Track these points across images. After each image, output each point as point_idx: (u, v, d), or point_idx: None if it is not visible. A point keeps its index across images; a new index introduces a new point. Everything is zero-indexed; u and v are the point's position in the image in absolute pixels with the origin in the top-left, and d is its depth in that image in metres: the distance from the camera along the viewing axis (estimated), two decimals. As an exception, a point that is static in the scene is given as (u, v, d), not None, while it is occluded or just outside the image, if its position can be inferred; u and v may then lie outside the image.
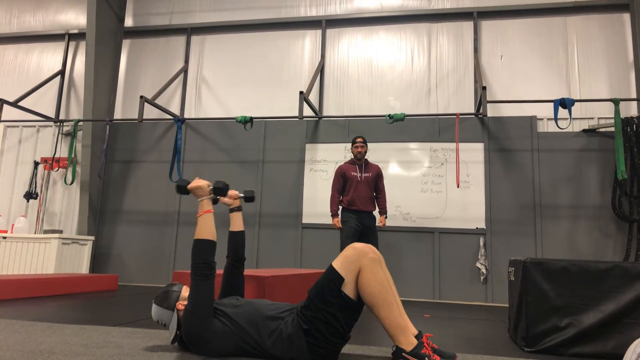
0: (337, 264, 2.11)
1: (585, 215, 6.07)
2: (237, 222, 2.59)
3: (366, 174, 5.23)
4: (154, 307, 2.30)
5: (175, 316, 2.24)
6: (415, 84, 6.96)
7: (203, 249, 2.17)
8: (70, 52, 8.23)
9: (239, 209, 2.61)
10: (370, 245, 2.15)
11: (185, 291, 2.32)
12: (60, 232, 6.97)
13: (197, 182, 2.32)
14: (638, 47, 6.30)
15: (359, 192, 5.14)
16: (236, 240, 2.57)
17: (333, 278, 2.07)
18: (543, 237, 6.09)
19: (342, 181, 5.21)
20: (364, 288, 2.07)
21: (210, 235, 2.20)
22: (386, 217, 5.34)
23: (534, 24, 6.80)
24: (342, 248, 5.10)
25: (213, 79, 7.67)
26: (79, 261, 6.68)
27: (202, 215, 2.25)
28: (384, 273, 2.12)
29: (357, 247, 2.12)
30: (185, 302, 2.23)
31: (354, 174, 5.20)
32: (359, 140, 5.26)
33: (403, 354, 2.05)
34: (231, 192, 2.54)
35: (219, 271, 2.40)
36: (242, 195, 2.57)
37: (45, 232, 6.95)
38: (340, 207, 5.25)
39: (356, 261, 2.08)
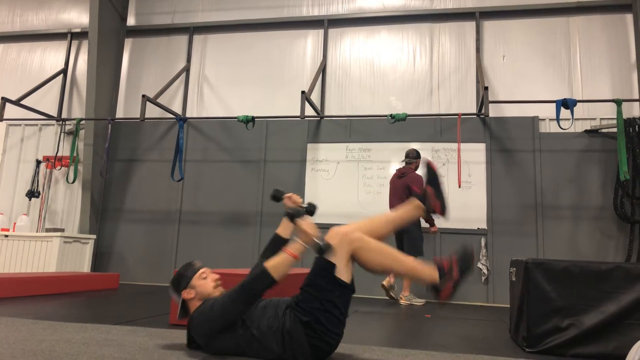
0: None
1: (587, 216, 6.06)
2: (288, 230, 2.53)
3: None
4: (170, 286, 2.34)
5: (181, 302, 2.28)
6: (417, 84, 6.96)
7: (263, 282, 2.06)
8: (72, 50, 8.25)
9: None
10: (346, 225, 2.19)
11: (197, 279, 2.29)
12: (62, 230, 6.98)
13: (308, 227, 2.12)
14: (641, 48, 6.29)
15: None
16: (280, 246, 2.54)
17: (324, 266, 2.09)
18: (545, 238, 6.08)
19: None
20: (369, 265, 2.13)
21: (278, 277, 2.08)
22: None
23: (537, 24, 6.79)
24: (419, 249, 5.30)
25: (215, 78, 7.68)
26: (81, 260, 6.69)
27: (289, 257, 2.08)
28: (373, 240, 2.16)
29: (339, 232, 2.14)
30: (192, 293, 2.26)
31: None
32: None
33: (439, 290, 2.14)
34: (296, 199, 2.49)
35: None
36: (304, 206, 2.52)
37: (47, 230, 6.96)
38: None
39: (344, 245, 2.10)
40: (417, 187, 5.37)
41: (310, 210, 2.50)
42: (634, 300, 2.57)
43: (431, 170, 2.44)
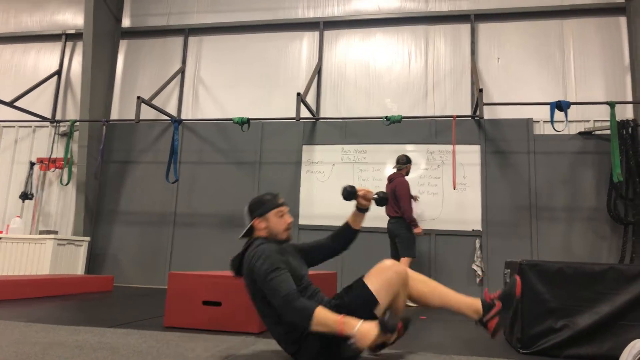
0: (374, 285, 2.05)
1: (580, 217, 6.09)
2: (359, 221, 2.46)
3: None
4: (247, 206, 2.36)
5: (248, 226, 2.30)
6: (413, 86, 6.97)
7: (298, 319, 1.94)
8: (67, 52, 8.22)
9: (367, 210, 2.46)
10: (400, 264, 2.18)
11: (273, 215, 2.29)
12: (56, 232, 6.95)
13: (371, 337, 1.85)
14: (634, 50, 6.33)
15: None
16: (351, 237, 2.47)
17: (368, 300, 2.04)
18: (539, 239, 6.10)
19: None
20: (420, 302, 2.24)
21: (312, 328, 1.92)
22: None
23: (531, 27, 6.82)
24: (409, 250, 5.36)
25: (210, 80, 7.66)
26: (74, 262, 6.65)
27: (337, 328, 1.87)
28: (422, 278, 2.24)
29: (398, 271, 2.10)
30: (263, 224, 2.27)
31: None
32: None
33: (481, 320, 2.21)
34: (369, 194, 2.37)
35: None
36: (375, 197, 2.42)
37: (41, 232, 6.93)
38: (398, 217, 5.47)
39: (397, 286, 2.07)
40: (402, 192, 5.42)
41: (381, 202, 2.41)
42: (627, 301, 2.59)
43: (513, 290, 2.21)
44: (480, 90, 5.75)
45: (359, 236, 2.51)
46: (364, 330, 1.84)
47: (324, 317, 1.88)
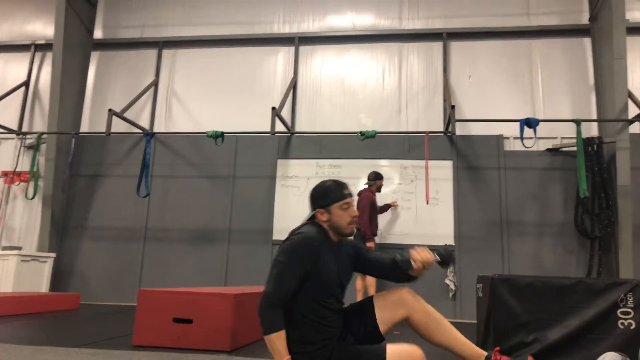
0: (391, 355, 2.00)
1: (549, 232, 6.23)
2: (418, 272, 2.22)
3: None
4: (310, 194, 2.22)
5: (311, 215, 2.17)
6: (387, 102, 7.06)
7: (262, 322, 1.94)
8: (36, 62, 8.03)
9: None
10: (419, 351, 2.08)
11: (338, 208, 2.13)
12: (20, 248, 6.71)
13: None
14: (598, 70, 6.58)
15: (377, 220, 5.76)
16: (406, 280, 2.29)
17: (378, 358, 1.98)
18: (509, 253, 6.21)
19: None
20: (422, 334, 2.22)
21: (264, 335, 1.94)
22: None
23: (501, 46, 7.02)
24: None
25: (184, 93, 7.59)
26: (39, 279, 6.42)
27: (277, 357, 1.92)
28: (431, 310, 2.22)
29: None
30: (326, 217, 2.12)
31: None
32: None
33: None
34: (428, 263, 2.13)
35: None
36: (438, 259, 2.14)
37: (4, 248, 6.67)
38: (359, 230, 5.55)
39: None
40: (362, 205, 5.57)
41: (446, 264, 2.15)
42: (595, 315, 2.64)
43: None
44: (453, 107, 5.87)
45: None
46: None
47: (275, 344, 1.89)
